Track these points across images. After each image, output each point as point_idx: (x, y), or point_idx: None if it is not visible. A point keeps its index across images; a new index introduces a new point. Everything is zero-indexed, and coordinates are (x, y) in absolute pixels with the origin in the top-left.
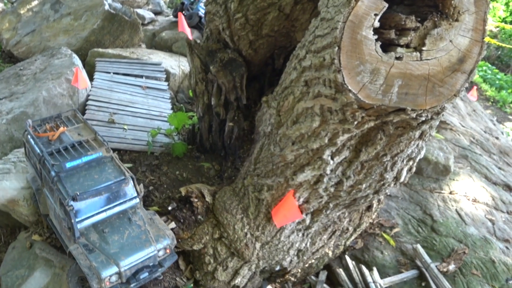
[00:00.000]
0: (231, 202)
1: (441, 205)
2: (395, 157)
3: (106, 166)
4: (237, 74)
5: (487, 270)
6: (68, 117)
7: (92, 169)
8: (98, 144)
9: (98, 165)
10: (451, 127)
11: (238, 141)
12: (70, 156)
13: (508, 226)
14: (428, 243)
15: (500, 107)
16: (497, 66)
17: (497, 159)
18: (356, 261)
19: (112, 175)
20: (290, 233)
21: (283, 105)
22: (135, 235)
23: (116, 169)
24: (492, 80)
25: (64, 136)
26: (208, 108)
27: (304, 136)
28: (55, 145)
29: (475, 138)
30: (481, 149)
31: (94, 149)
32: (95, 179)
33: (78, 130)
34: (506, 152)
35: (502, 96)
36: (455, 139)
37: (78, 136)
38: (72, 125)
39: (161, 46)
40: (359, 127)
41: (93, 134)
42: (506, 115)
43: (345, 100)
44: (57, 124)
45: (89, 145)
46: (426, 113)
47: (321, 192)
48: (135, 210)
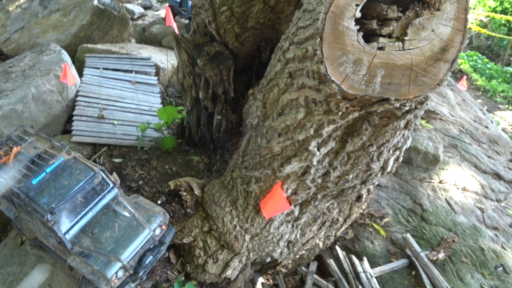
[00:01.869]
0: (219, 195)
1: (431, 195)
2: (381, 147)
3: (73, 169)
4: (224, 67)
5: (477, 258)
6: (18, 136)
7: (59, 176)
8: (57, 150)
9: (64, 171)
10: (440, 117)
11: (227, 134)
12: (33, 173)
13: (497, 214)
14: (418, 232)
15: (491, 96)
16: (487, 55)
17: (487, 148)
18: (347, 252)
19: (82, 175)
20: (279, 225)
21: (269, 97)
22: (125, 224)
23: (83, 168)
24: (483, 69)
25: (21, 156)
26: (196, 101)
27: (290, 127)
28: (14, 167)
29: (465, 128)
30: (471, 138)
31: (54, 156)
32: (65, 185)
33: (32, 145)
34: (495, 141)
35: (493, 85)
36: (444, 129)
37: (34, 150)
38: (24, 141)
39: (151, 40)
40: (344, 118)
41: (48, 142)
42: (496, 104)
43: (328, 91)
44: (10, 146)
45: (48, 155)
46: (409, 102)
47: (308, 183)
48: (117, 200)
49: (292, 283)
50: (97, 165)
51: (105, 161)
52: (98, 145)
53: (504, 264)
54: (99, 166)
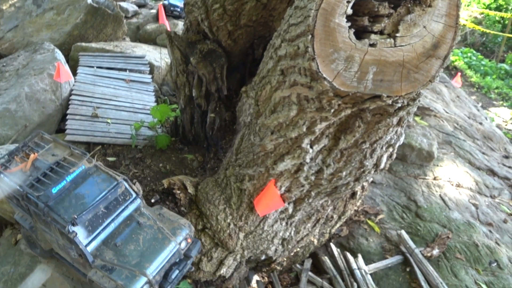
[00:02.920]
0: (213, 193)
1: (425, 191)
2: (374, 144)
3: (94, 178)
4: (217, 65)
5: (471, 253)
6: (35, 142)
7: (80, 185)
8: (77, 158)
9: (85, 180)
10: (435, 114)
11: (220, 132)
12: (53, 181)
13: (491, 210)
14: (413, 229)
15: (485, 93)
16: (481, 52)
17: (481, 144)
18: (342, 249)
19: (104, 185)
20: (273, 222)
21: (261, 94)
22: (150, 237)
23: (105, 176)
24: (477, 66)
25: (39, 163)
26: (190, 99)
27: (283, 125)
28: (32, 175)
29: (459, 124)
30: (465, 134)
31: (75, 164)
32: (87, 195)
33: (50, 151)
34: (489, 137)
35: (487, 82)
36: (439, 125)
37: (52, 158)
38: (42, 148)
39: (145, 39)
40: (336, 115)
41: (67, 150)
42: (490, 100)
43: (320, 88)
44: (26, 153)
45: (68, 163)
46: (402, 99)
47: (302, 181)
48: (140, 211)
49: (287, 280)
50: (119, 174)
51: (99, 160)
52: (92, 144)
53: (498, 259)
54: (122, 175)
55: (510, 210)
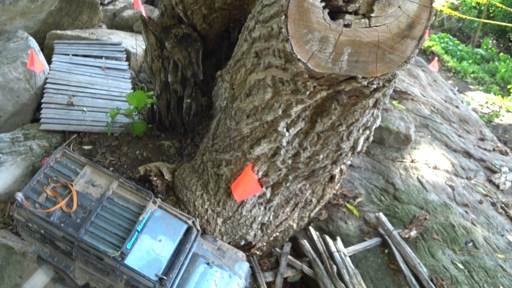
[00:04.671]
0: (190, 179)
1: (403, 174)
2: (350, 127)
3: (162, 221)
4: (192, 49)
5: (447, 234)
6: (58, 161)
7: (149, 232)
8: (131, 193)
9: (154, 225)
10: (412, 97)
11: (197, 118)
12: (113, 227)
13: (467, 191)
14: (391, 211)
15: (462, 77)
16: (458, 37)
17: (457, 127)
18: (321, 232)
19: (175, 230)
20: (251, 207)
21: (236, 78)
22: (222, 278)
23: (174, 220)
24: (454, 51)
25: (80, 197)
26: (166, 85)
27: (258, 108)
28: (79, 217)
29: (436, 108)
30: (442, 118)
31: (134, 203)
32: (160, 245)
33: (88, 180)
34: (465, 120)
35: (463, 66)
36: (416, 109)
37: (95, 189)
38: (71, 171)
39: (122, 26)
40: (312, 97)
41: (112, 179)
42: (467, 85)
43: (295, 70)
44: (55, 180)
45: (124, 201)
46: (377, 80)
47: (279, 165)
48: (201, 247)
49: (268, 265)
50: (185, 214)
51: (75, 149)
52: (68, 133)
53: (474, 239)
54: (190, 217)
55: (486, 191)
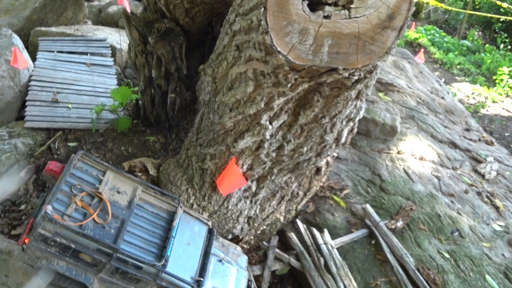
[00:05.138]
0: (175, 174)
1: (389, 165)
2: (333, 119)
3: (187, 225)
4: (175, 44)
5: (434, 224)
6: (81, 169)
7: (179, 237)
8: (155, 198)
9: (182, 229)
10: (398, 89)
11: (181, 112)
12: (149, 235)
13: (453, 181)
14: (377, 202)
15: (448, 68)
16: (444, 29)
17: (443, 118)
18: (308, 224)
19: (199, 233)
20: (237, 201)
21: (218, 71)
22: (233, 273)
23: (197, 222)
24: (440, 43)
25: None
26: (150, 80)
27: (240, 102)
28: (112, 227)
29: (422, 99)
30: (427, 109)
31: (162, 209)
32: (189, 248)
33: (109, 186)
34: (451, 111)
35: (450, 58)
36: (402, 101)
37: (121, 197)
38: (96, 180)
39: (107, 21)
40: (294, 90)
41: (136, 184)
42: (453, 76)
43: (275, 62)
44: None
45: (152, 207)
46: (358, 72)
47: (263, 158)
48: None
49: (256, 258)
50: (203, 216)
51: (60, 146)
52: (53, 130)
53: (459, 229)
54: (207, 218)
55: (471, 181)
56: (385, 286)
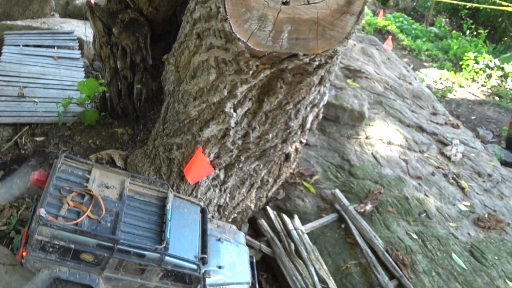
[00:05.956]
0: (142, 164)
1: (358, 150)
2: (297, 105)
3: (180, 208)
4: (140, 34)
5: (402, 206)
6: (66, 171)
7: (174, 220)
8: (144, 187)
9: (176, 213)
10: (366, 75)
11: (148, 103)
12: (145, 222)
13: (420, 164)
14: (347, 187)
15: (416, 55)
16: (412, 16)
17: (410, 103)
18: (279, 211)
19: (193, 214)
20: (206, 190)
21: (181, 60)
22: (234, 250)
23: (189, 204)
24: (408, 30)
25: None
26: (115, 72)
27: (204, 90)
28: (108, 221)
29: (389, 85)
30: (395, 94)
31: (152, 196)
32: (187, 230)
33: (97, 183)
34: (418, 96)
35: (418, 44)
36: (370, 87)
37: (111, 191)
38: (83, 179)
39: (75, 14)
40: (256, 77)
41: (123, 176)
42: (421, 62)
43: (236, 50)
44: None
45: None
46: (319, 57)
47: (229, 146)
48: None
49: None
50: (194, 198)
51: (27, 141)
52: (19, 125)
53: (427, 210)
54: (198, 199)
55: (438, 163)
56: (355, 268)
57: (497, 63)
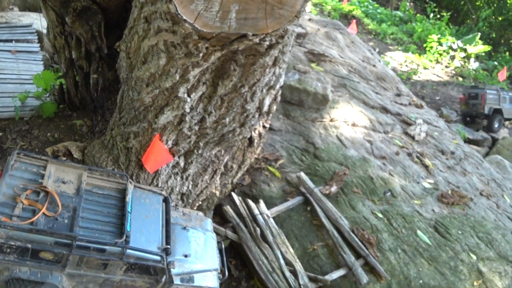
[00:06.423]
0: (100, 155)
1: (323, 133)
2: (253, 87)
3: (141, 199)
4: (93, 23)
5: (367, 186)
6: (20, 168)
7: (135, 212)
8: (102, 180)
9: (136, 204)
10: (330, 59)
11: (105, 93)
12: (104, 216)
13: (385, 144)
14: (312, 170)
15: (382, 39)
16: (377, 1)
17: (374, 85)
18: (245, 197)
19: (155, 204)
20: (167, 178)
21: (131, 46)
22: (200, 237)
23: (150, 194)
24: (373, 14)
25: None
26: (71, 62)
27: (155, 75)
28: (65, 217)
29: (353, 67)
30: (359, 77)
31: (111, 188)
32: (149, 221)
33: (53, 178)
34: (382, 78)
35: (383, 28)
36: (334, 70)
37: (67, 186)
38: (38, 176)
39: (34, 7)
40: (207, 59)
41: (80, 170)
42: (387, 45)
43: (183, 32)
44: (25, 188)
45: (101, 189)
46: (269, 37)
47: (186, 132)
48: (171, 216)
49: None
50: (156, 188)
51: None
52: None
53: (391, 189)
54: (161, 188)
55: (402, 143)
56: (322, 249)
57: (460, 44)
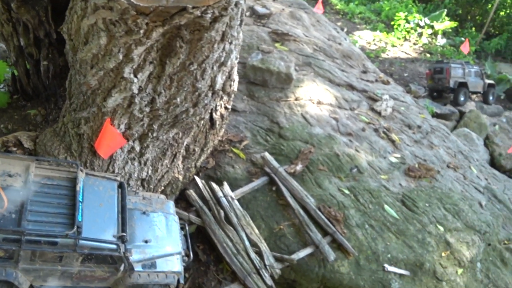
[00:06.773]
0: (52, 143)
1: (287, 112)
2: (202, 64)
3: (94, 186)
4: (40, 7)
5: (333, 164)
6: None
7: (88, 200)
8: (52, 170)
9: (89, 192)
10: (294, 38)
11: (57, 80)
12: (54, 207)
13: (351, 121)
14: (276, 149)
15: (350, 18)
16: None
17: (340, 63)
18: (210, 180)
19: (110, 191)
20: (124, 164)
21: (72, 27)
22: (161, 221)
23: (104, 181)
24: None
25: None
26: (20, 50)
27: (98, 56)
28: (12, 212)
29: (318, 46)
30: (324, 55)
31: (61, 178)
32: (103, 209)
33: (2, 173)
34: (348, 55)
35: (351, 8)
36: (298, 49)
37: (14, 179)
38: None
39: None
40: (149, 36)
41: (27, 162)
42: (355, 25)
43: (119, 7)
44: None
45: (50, 179)
46: (211, 9)
47: (137, 114)
48: (130, 201)
49: None
50: (111, 174)
51: None
52: None
53: (358, 165)
54: (115, 174)
55: (368, 119)
56: (289, 229)
57: (427, 21)
